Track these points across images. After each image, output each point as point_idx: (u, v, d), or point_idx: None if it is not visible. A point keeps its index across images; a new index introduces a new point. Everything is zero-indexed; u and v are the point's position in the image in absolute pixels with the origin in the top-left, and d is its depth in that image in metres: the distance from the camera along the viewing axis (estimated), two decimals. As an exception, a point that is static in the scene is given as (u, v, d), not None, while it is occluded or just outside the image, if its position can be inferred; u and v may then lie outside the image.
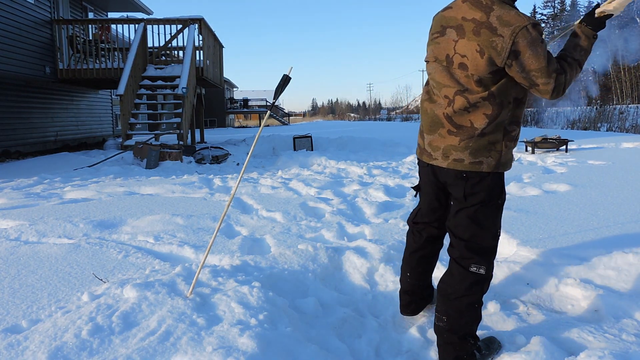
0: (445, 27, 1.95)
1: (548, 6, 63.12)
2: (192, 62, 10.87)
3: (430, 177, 2.17)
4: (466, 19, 1.87)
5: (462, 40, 1.88)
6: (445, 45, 1.94)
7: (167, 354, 1.88)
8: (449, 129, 1.97)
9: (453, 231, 2.07)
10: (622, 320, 2.31)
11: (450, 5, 1.99)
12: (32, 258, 3.21)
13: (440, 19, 2.00)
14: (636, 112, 20.48)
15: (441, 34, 1.97)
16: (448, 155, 1.99)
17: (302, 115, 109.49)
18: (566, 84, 1.85)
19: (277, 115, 44.22)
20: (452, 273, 2.06)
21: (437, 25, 2.01)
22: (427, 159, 2.09)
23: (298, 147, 11.14)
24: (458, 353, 2.02)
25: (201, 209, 4.74)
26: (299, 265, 2.97)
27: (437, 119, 2.01)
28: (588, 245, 3.25)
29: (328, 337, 2.25)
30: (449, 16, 1.95)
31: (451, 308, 2.03)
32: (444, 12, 2.01)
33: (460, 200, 2.03)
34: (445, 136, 1.99)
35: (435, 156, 2.04)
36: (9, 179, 6.99)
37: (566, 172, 6.83)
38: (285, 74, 2.41)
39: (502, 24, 1.80)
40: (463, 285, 2.00)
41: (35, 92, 12.02)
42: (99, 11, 15.76)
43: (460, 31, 1.89)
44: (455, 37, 1.91)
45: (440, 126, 2.00)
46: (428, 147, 2.07)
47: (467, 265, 2.01)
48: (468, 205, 2.01)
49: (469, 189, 1.99)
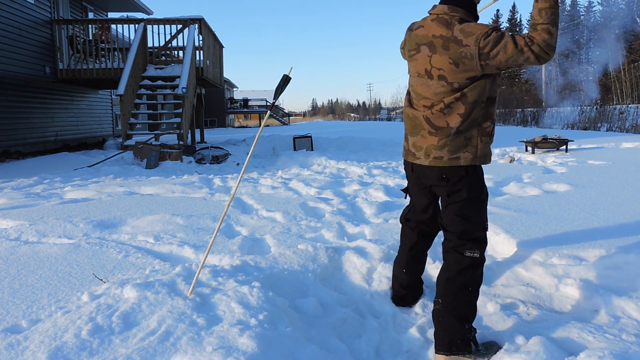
0: (419, 45, 2.17)
1: (548, 6, 63.00)
2: (192, 62, 10.87)
3: (416, 178, 2.36)
4: (435, 36, 2.10)
5: (435, 56, 2.10)
6: (422, 61, 2.15)
7: (167, 354, 1.88)
8: (429, 130, 2.16)
9: (445, 227, 2.25)
10: (622, 320, 2.31)
11: (421, 24, 2.19)
12: (32, 258, 3.21)
13: (415, 37, 2.20)
14: (636, 112, 20.46)
15: (417, 51, 2.18)
16: (429, 154, 2.18)
17: (302, 115, 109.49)
18: (546, 47, 1.95)
19: (277, 115, 44.23)
20: (449, 260, 2.21)
21: (412, 43, 2.21)
22: (411, 158, 2.27)
23: (298, 147, 11.14)
24: (452, 337, 2.09)
25: (201, 209, 4.74)
26: (299, 265, 2.97)
27: (418, 121, 2.20)
28: (588, 245, 3.25)
29: (328, 337, 2.25)
30: (421, 34, 2.16)
31: (447, 290, 2.16)
32: (417, 30, 2.20)
33: (445, 198, 2.23)
34: (426, 137, 2.18)
35: (418, 155, 2.22)
36: (9, 179, 6.99)
37: (566, 172, 6.83)
38: (285, 74, 2.41)
39: (465, 35, 2.01)
40: (458, 267, 2.16)
41: (35, 92, 12.02)
42: (99, 11, 15.76)
43: (431, 47, 2.11)
44: (429, 53, 2.12)
45: (421, 128, 2.20)
46: (412, 147, 2.26)
47: (462, 251, 2.17)
48: (452, 202, 2.19)
49: (451, 187, 2.17)
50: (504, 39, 1.97)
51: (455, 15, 2.08)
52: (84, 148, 13.18)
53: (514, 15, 66.45)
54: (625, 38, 41.75)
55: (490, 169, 7.26)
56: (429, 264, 3.07)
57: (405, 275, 2.60)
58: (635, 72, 32.98)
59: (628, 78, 33.25)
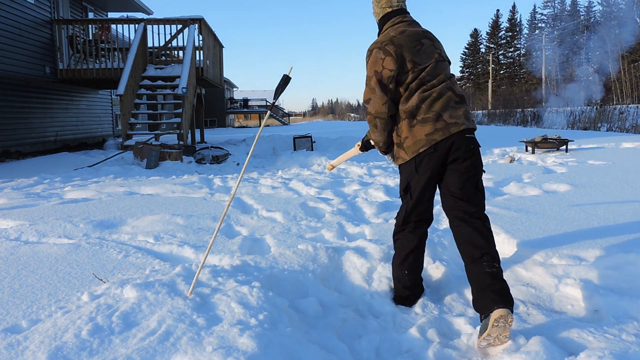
0: (420, 39, 2.48)
1: (548, 6, 63.11)
2: (192, 62, 10.87)
3: (438, 160, 2.39)
4: (424, 31, 2.54)
5: (436, 42, 2.54)
6: (430, 49, 2.48)
7: (167, 354, 1.88)
8: (455, 100, 2.41)
9: (469, 200, 2.37)
10: (622, 320, 2.31)
11: (404, 29, 2.50)
12: (32, 258, 3.21)
13: (411, 35, 2.47)
14: (636, 112, 20.45)
15: (420, 44, 2.47)
16: (467, 117, 2.42)
17: (302, 115, 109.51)
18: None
19: (277, 115, 44.22)
20: (476, 225, 2.34)
21: (412, 41, 2.46)
22: (455, 128, 2.35)
23: (298, 147, 11.14)
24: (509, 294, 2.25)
25: (201, 209, 4.74)
26: (299, 266, 2.97)
27: (447, 96, 2.40)
28: (588, 245, 3.25)
29: (328, 337, 2.25)
30: (414, 32, 2.50)
31: (493, 248, 2.32)
32: (405, 32, 2.47)
33: (464, 171, 2.36)
34: (456, 107, 2.40)
35: (461, 122, 2.37)
36: (9, 179, 6.99)
37: (566, 172, 6.83)
38: (285, 73, 2.41)
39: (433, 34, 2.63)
40: (488, 228, 2.37)
41: (35, 92, 12.02)
42: (99, 11, 15.76)
43: (429, 38, 2.52)
44: (430, 43, 2.50)
45: (451, 100, 2.40)
46: (451, 118, 2.36)
47: (484, 221, 2.37)
48: (473, 174, 2.38)
49: (476, 158, 2.40)
50: None
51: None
52: (84, 148, 13.18)
53: (514, 15, 66.47)
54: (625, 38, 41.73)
55: (491, 169, 7.26)
56: (429, 263, 3.07)
57: (408, 275, 2.62)
58: (635, 72, 32.97)
59: (628, 78, 33.24)
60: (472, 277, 2.28)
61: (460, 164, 2.37)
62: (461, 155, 2.36)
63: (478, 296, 2.22)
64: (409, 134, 2.40)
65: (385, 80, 2.42)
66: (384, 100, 2.41)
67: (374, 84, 2.42)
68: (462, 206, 2.38)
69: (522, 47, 64.08)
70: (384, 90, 2.42)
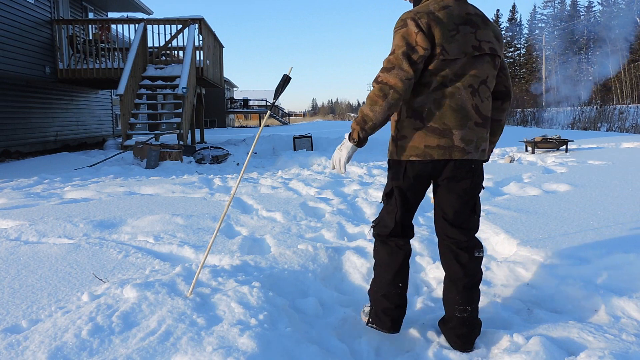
0: (458, 24, 2.00)
1: (548, 6, 63.14)
2: (192, 62, 10.87)
3: (425, 186, 2.14)
4: (470, 14, 2.04)
5: (479, 31, 2.03)
6: (466, 39, 2.00)
7: (167, 354, 1.88)
8: (476, 120, 2.02)
9: (460, 225, 2.13)
10: (622, 320, 2.31)
11: (446, 4, 2.03)
12: (32, 258, 3.21)
13: (451, 16, 1.99)
14: (636, 112, 20.46)
15: (457, 30, 1.99)
16: (479, 147, 2.05)
17: (302, 115, 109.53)
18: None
19: (277, 115, 44.21)
20: (461, 260, 2.14)
21: (450, 23, 1.99)
22: (458, 155, 2.00)
23: (298, 147, 11.14)
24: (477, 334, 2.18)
25: (201, 209, 4.74)
26: (299, 265, 2.97)
27: (466, 112, 2.00)
28: (588, 245, 3.25)
29: (328, 337, 2.25)
30: (456, 14, 2.02)
31: (473, 292, 2.15)
32: (446, 10, 2.00)
33: (461, 193, 2.10)
34: (473, 128, 2.02)
35: (469, 150, 2.01)
36: (9, 179, 6.99)
37: (566, 172, 6.83)
38: (285, 73, 2.41)
39: (486, 18, 2.11)
40: (475, 268, 2.16)
41: (35, 92, 12.02)
42: (99, 11, 15.75)
43: (472, 24, 2.03)
44: (471, 30, 2.02)
45: (468, 119, 2.01)
46: (461, 142, 1.99)
47: (473, 251, 2.14)
48: (469, 196, 2.11)
49: (476, 179, 2.10)
50: None
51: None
52: (84, 148, 13.18)
53: (514, 15, 66.48)
54: (625, 38, 41.72)
55: (491, 169, 7.26)
56: (429, 263, 3.07)
57: (400, 290, 2.25)
58: (635, 72, 32.96)
59: (628, 78, 33.23)
60: (445, 305, 2.22)
61: (457, 183, 2.07)
62: (461, 175, 2.06)
63: (444, 325, 2.22)
64: (408, 134, 2.05)
65: (417, 58, 1.96)
66: (409, 76, 1.93)
67: (402, 55, 1.94)
68: (453, 234, 2.13)
69: (522, 47, 64.07)
70: (414, 66, 1.95)
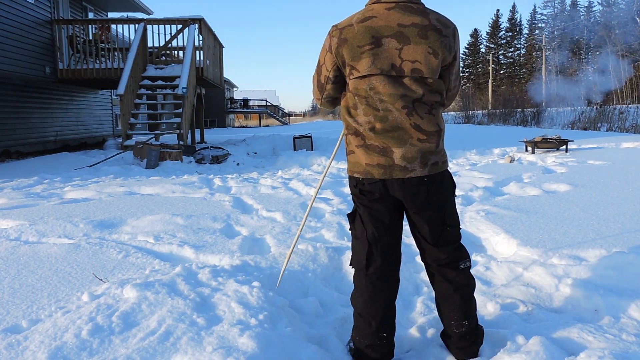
0: (379, 38, 1.79)
1: (548, 6, 63.17)
2: (192, 62, 10.87)
3: (388, 203, 1.93)
4: (404, 25, 1.79)
5: (407, 47, 1.79)
6: (386, 54, 1.79)
7: (167, 354, 1.88)
8: (419, 137, 1.84)
9: (435, 243, 1.97)
10: (622, 320, 2.31)
11: (371, 15, 1.82)
12: (32, 258, 3.21)
13: (368, 30, 1.80)
14: (636, 112, 20.47)
15: (376, 45, 1.79)
16: (426, 161, 1.86)
17: (302, 115, 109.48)
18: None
19: (277, 115, 44.21)
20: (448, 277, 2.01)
21: (365, 37, 1.80)
22: (400, 174, 1.85)
23: (298, 147, 11.14)
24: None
25: (201, 209, 4.74)
26: (299, 265, 2.98)
27: (404, 131, 1.84)
28: (588, 245, 3.25)
29: (328, 337, 2.25)
30: (379, 26, 1.80)
31: (470, 306, 2.05)
32: (366, 22, 1.81)
33: (426, 208, 1.92)
34: (416, 144, 1.84)
35: (412, 167, 1.85)
36: (9, 179, 6.99)
37: (566, 172, 6.83)
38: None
39: (443, 25, 1.83)
40: (461, 282, 2.01)
41: (35, 92, 12.02)
42: (99, 11, 15.75)
43: (401, 38, 1.79)
44: (397, 46, 1.79)
45: (409, 137, 1.84)
46: (403, 160, 1.84)
47: (456, 266, 2.00)
48: (436, 211, 1.93)
49: (434, 192, 1.90)
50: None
51: (419, 4, 1.87)
52: (84, 148, 13.18)
53: (514, 15, 66.51)
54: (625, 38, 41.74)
55: (491, 169, 7.26)
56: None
57: (386, 328, 2.02)
58: (635, 72, 32.96)
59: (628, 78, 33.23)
60: (442, 321, 2.10)
61: (413, 201, 1.89)
62: (414, 192, 1.87)
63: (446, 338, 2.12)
64: (354, 150, 1.92)
65: (323, 80, 1.94)
66: (319, 97, 2.02)
67: (313, 77, 2.01)
68: (432, 254, 1.98)
69: (522, 47, 64.10)
70: (320, 89, 1.98)
